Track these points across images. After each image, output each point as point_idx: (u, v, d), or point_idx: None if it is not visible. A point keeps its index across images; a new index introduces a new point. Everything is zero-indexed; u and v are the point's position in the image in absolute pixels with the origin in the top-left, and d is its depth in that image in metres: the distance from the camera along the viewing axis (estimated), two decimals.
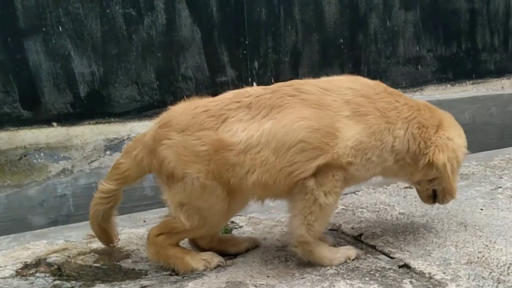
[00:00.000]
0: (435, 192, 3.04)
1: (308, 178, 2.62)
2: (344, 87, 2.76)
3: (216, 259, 2.84)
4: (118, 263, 2.91)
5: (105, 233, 2.99)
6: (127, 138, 3.89)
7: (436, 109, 2.97)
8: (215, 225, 2.82)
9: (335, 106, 2.66)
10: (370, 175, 2.83)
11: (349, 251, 2.90)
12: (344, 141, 2.61)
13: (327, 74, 4.63)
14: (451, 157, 2.81)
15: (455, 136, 2.89)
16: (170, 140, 2.62)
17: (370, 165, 2.73)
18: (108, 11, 3.83)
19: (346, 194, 3.81)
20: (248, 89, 2.79)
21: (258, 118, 2.60)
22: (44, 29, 3.68)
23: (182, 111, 2.71)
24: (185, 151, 2.59)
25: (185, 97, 4.04)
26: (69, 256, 2.97)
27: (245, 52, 4.31)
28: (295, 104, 2.63)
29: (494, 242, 3.04)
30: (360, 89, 2.77)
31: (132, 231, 3.31)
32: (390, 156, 2.78)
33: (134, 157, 2.78)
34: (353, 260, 2.86)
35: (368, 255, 2.95)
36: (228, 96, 2.74)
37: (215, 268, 2.81)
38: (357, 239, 3.15)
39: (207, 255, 2.85)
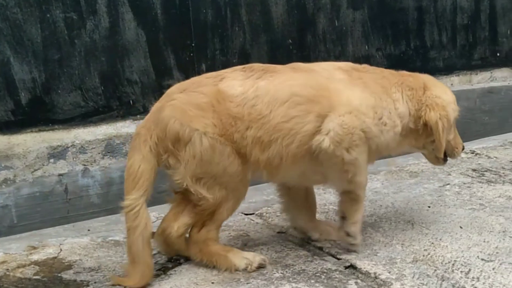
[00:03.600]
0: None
1: (321, 140, 2.65)
2: (333, 63, 2.98)
3: (257, 258, 2.80)
4: (59, 275, 2.83)
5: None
6: (71, 145, 3.79)
7: (416, 74, 3.11)
8: (238, 193, 2.78)
9: (326, 74, 2.80)
10: (386, 146, 2.87)
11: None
12: (345, 95, 2.70)
13: None
14: (442, 114, 2.92)
15: (441, 93, 3.01)
16: (174, 100, 2.67)
17: (385, 129, 2.80)
18: (48, 15, 3.72)
19: None
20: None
21: (252, 78, 2.71)
22: None
23: (180, 83, 2.84)
24: (189, 105, 2.62)
25: (131, 101, 4.04)
26: (7, 269, 2.88)
27: (192, 54, 4.25)
28: (287, 71, 2.78)
29: (440, 239, 3.06)
30: (348, 64, 2.97)
31: (75, 240, 3.23)
32: (398, 120, 2.86)
33: (140, 143, 2.67)
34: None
35: (315, 257, 2.94)
36: None
37: (256, 268, 2.76)
38: (305, 241, 3.13)
39: (249, 254, 2.83)
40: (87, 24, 3.86)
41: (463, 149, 3.18)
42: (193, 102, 2.62)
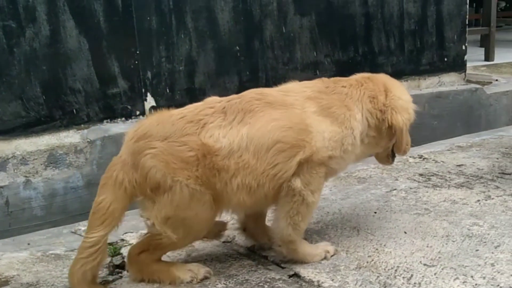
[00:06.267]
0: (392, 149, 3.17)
1: (294, 180, 2.71)
2: (299, 87, 2.90)
3: (202, 270, 2.78)
4: None
5: None
6: (12, 157, 3.69)
7: (374, 76, 3.11)
8: (198, 234, 2.82)
9: (299, 104, 2.77)
10: (346, 165, 2.98)
11: (327, 246, 2.98)
12: (320, 133, 2.71)
13: (225, 82, 4.61)
14: (406, 117, 2.97)
15: (402, 94, 3.04)
16: (155, 149, 2.56)
17: (346, 155, 2.84)
18: None
19: None
20: (215, 97, 2.83)
21: (234, 124, 2.65)
22: None
23: (157, 121, 2.67)
24: (173, 158, 2.55)
25: (74, 111, 3.96)
26: None
27: (136, 62, 4.19)
28: (263, 107, 2.72)
29: (384, 245, 3.06)
30: (312, 86, 2.90)
31: (14, 255, 3.12)
32: (359, 141, 2.89)
33: (114, 182, 2.58)
34: (332, 255, 2.95)
35: (260, 266, 2.90)
36: (199, 103, 2.77)
37: (201, 280, 2.74)
38: (250, 250, 3.10)
39: (193, 266, 2.80)
40: (26, 32, 3.77)
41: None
42: (177, 155, 2.56)
